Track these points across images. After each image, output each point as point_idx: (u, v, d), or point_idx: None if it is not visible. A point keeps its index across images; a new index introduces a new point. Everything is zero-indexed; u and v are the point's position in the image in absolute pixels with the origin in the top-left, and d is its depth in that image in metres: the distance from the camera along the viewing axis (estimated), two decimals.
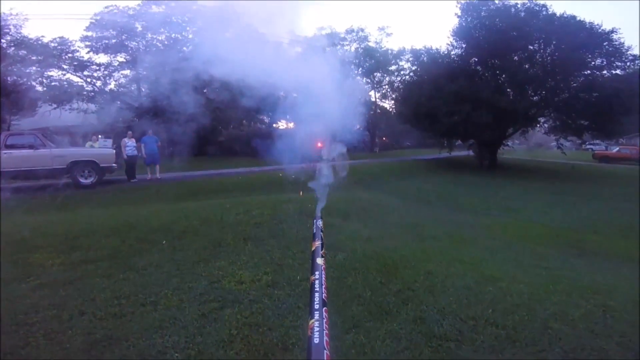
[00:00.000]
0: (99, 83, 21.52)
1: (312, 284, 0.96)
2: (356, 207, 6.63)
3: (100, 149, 10.60)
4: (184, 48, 19.49)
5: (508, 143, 21.49)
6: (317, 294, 0.90)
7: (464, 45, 18.33)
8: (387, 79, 30.28)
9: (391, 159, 21.83)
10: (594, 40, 15.28)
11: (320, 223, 1.44)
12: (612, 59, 15.69)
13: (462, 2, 17.43)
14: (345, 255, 3.65)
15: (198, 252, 3.74)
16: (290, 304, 2.57)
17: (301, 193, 4.92)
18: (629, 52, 15.49)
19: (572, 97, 16.24)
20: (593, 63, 15.97)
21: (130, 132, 11.02)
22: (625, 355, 2.13)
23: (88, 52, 20.64)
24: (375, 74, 27.05)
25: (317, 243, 1.23)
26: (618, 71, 15.91)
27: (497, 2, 17.09)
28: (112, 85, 22.04)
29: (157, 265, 3.38)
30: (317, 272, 1.01)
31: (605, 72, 16.08)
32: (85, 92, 21.03)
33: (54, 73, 20.03)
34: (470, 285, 3.13)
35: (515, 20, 15.92)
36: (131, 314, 2.50)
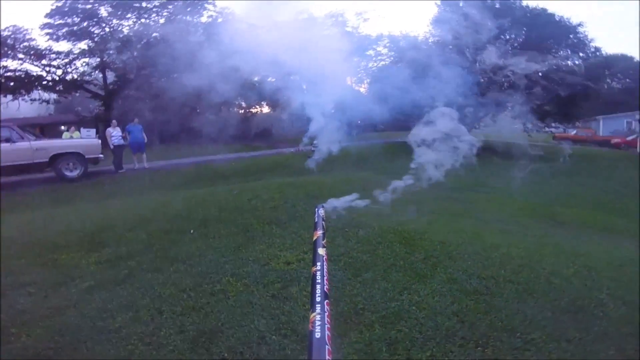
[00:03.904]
0: (59, 72, 20.06)
1: (314, 275, 0.91)
2: (357, 186, 6.98)
3: (85, 139, 10.21)
4: (155, 34, 18.60)
5: (476, 126, 22.70)
6: (318, 286, 0.85)
7: (441, 33, 19.14)
8: (363, 63, 30.52)
9: (369, 141, 22.35)
10: (562, 32, 16.60)
11: (322, 212, 1.40)
12: (576, 49, 17.20)
13: None
14: (366, 231, 3.97)
15: (232, 238, 3.85)
16: (341, 277, 2.89)
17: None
18: (591, 44, 17.17)
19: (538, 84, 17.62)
20: (559, 53, 17.27)
21: (114, 122, 10.71)
22: (616, 303, 2.67)
23: (48, 40, 19.18)
24: (353, 59, 27.25)
25: (319, 233, 1.17)
26: (580, 62, 17.41)
27: None
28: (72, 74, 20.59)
29: (200, 255, 3.42)
30: (318, 263, 0.96)
31: (569, 62, 17.47)
32: (45, 82, 19.56)
33: (9, 63, 18.55)
34: (479, 251, 3.60)
35: (491, 11, 16.81)
36: (207, 304, 2.52)
